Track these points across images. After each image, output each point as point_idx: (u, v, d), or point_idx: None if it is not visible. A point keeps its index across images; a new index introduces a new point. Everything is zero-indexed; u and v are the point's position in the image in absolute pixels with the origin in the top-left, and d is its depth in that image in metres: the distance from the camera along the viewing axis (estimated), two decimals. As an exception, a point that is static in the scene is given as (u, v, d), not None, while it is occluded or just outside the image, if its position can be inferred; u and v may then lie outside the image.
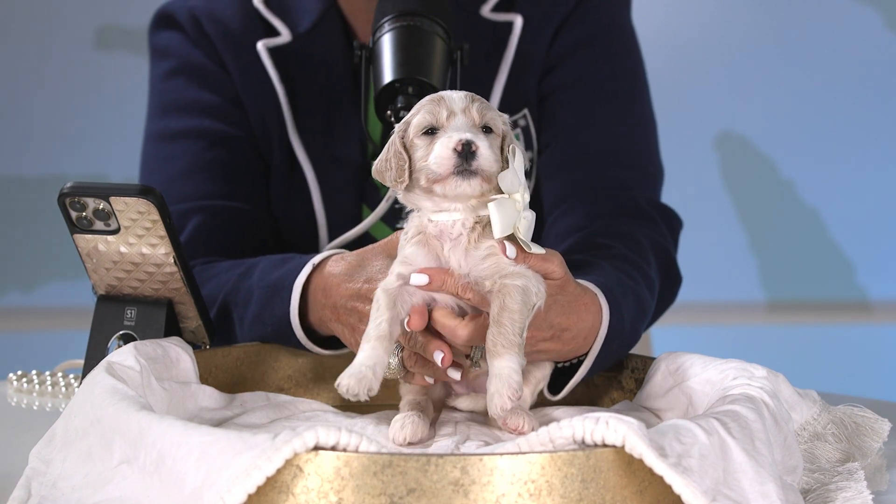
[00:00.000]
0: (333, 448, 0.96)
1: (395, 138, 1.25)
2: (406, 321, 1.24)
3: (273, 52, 1.79)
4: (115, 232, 1.33)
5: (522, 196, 1.23)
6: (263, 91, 1.79)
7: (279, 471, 0.96)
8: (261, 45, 1.79)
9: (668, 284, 1.70)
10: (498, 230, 1.21)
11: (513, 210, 1.22)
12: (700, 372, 1.27)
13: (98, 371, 1.18)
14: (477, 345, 1.26)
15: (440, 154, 1.20)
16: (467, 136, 1.20)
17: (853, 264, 4.13)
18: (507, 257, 1.21)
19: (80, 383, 1.27)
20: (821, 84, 4.08)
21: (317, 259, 1.43)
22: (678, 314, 2.41)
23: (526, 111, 1.78)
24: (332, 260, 1.41)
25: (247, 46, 1.80)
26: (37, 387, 1.61)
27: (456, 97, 1.23)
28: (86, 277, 1.38)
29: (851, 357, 4.05)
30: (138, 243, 1.33)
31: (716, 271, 4.08)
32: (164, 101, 1.82)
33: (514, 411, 1.26)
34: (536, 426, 1.24)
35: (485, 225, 1.23)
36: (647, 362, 1.37)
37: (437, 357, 1.25)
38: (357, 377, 1.18)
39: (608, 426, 0.98)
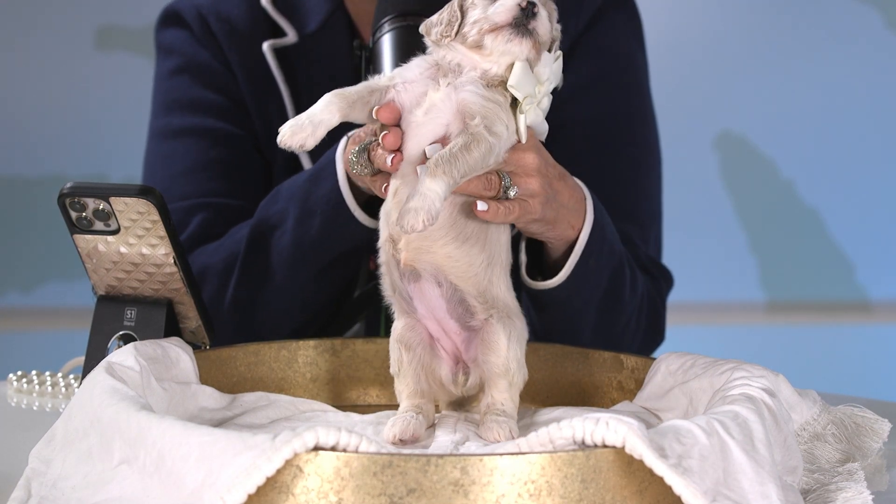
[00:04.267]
0: (333, 448, 0.96)
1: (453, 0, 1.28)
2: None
3: (278, 52, 1.79)
4: (115, 232, 1.33)
5: (540, 94, 1.26)
6: (268, 91, 1.79)
7: (279, 471, 0.96)
8: (266, 46, 1.79)
9: (650, 335, 1.71)
10: (514, 80, 1.23)
11: (532, 81, 1.25)
12: (700, 372, 1.27)
13: (98, 371, 1.18)
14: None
15: (504, 4, 1.23)
16: None
17: (853, 264, 4.12)
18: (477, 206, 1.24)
19: (80, 384, 1.27)
20: (821, 84, 4.07)
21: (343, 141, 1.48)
22: (678, 314, 2.41)
23: None
24: None
25: (253, 46, 1.80)
26: (37, 387, 1.61)
27: None
28: (86, 277, 1.38)
29: (851, 357, 4.05)
30: (138, 244, 1.33)
31: (716, 271, 4.08)
32: (168, 99, 1.83)
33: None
34: (516, 433, 1.23)
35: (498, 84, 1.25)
36: (648, 362, 1.37)
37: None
38: (294, 129, 1.23)
39: (608, 427, 0.98)
